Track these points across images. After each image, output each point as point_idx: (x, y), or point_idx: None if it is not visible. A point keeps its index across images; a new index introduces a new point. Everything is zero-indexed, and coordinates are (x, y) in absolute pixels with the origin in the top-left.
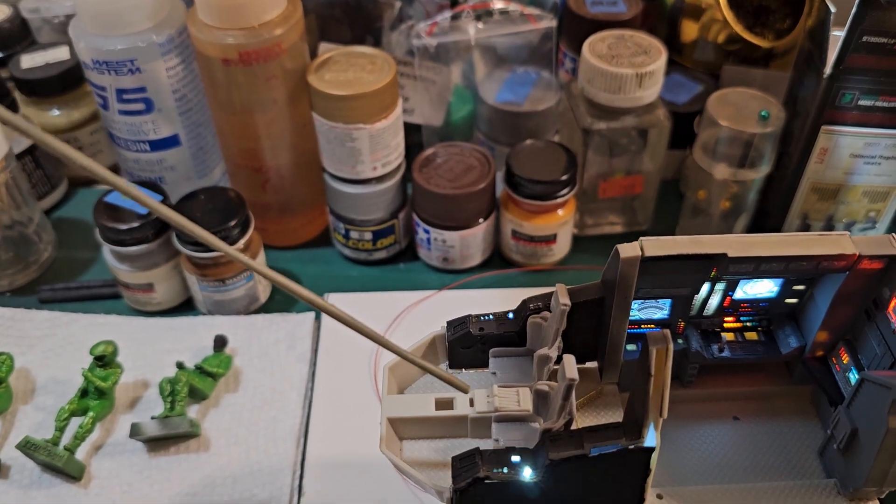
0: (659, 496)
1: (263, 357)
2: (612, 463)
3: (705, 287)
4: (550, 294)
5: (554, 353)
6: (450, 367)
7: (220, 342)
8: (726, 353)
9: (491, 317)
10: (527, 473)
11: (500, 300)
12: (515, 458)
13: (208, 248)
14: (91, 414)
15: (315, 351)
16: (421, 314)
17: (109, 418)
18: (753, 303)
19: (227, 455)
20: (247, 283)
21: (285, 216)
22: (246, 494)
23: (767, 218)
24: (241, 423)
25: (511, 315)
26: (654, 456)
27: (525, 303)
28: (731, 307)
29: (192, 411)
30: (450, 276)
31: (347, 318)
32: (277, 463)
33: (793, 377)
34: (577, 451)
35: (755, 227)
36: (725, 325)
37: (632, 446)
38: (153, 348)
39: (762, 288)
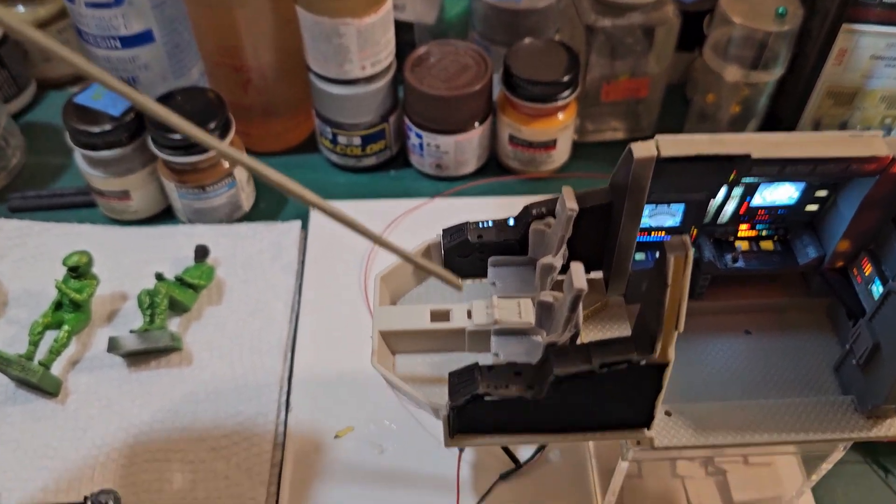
0: (667, 413)
1: (247, 267)
2: (621, 379)
3: (722, 192)
4: (555, 199)
5: (559, 262)
6: None
7: (202, 252)
8: (740, 264)
9: (490, 223)
10: (529, 390)
11: (496, 209)
12: (517, 374)
13: (186, 153)
14: (66, 327)
15: (302, 262)
16: (413, 223)
17: (86, 332)
18: (771, 210)
19: (210, 369)
20: (229, 189)
21: (268, 119)
22: (231, 410)
23: (778, 124)
24: (224, 335)
25: (512, 221)
26: (668, 372)
27: (527, 208)
28: (746, 214)
29: (174, 324)
30: (443, 183)
31: (344, 216)
32: (264, 377)
33: (809, 289)
34: (584, 367)
35: (766, 120)
36: (740, 233)
37: (644, 362)
38: (131, 259)
39: (782, 194)
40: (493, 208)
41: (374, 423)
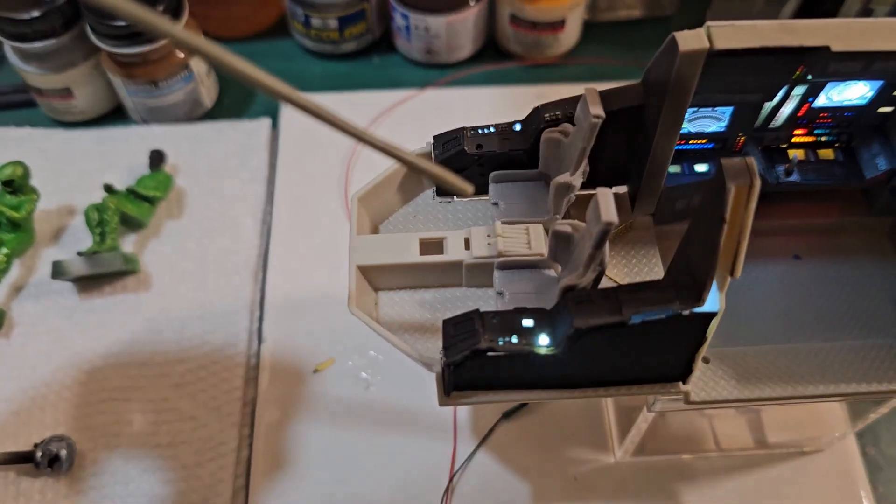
0: (706, 360)
1: (211, 175)
2: (656, 330)
3: (780, 91)
4: (572, 100)
5: (578, 181)
6: (437, 195)
7: (157, 158)
8: (795, 178)
9: (492, 129)
10: (543, 343)
11: (497, 101)
12: (528, 323)
13: (132, 42)
14: (5, 250)
15: (273, 166)
16: (400, 119)
17: (29, 254)
18: (836, 111)
19: (171, 294)
20: (186, 84)
21: None
22: (196, 341)
23: (821, 4)
24: (186, 255)
25: (518, 126)
26: (715, 322)
27: (538, 111)
28: (805, 117)
29: (129, 243)
30: (434, 71)
31: (321, 110)
32: (232, 303)
33: (871, 207)
34: (612, 319)
35: (804, 11)
36: (794, 138)
37: (687, 312)
38: (77, 168)
39: (853, 92)
40: (492, 100)
41: (359, 354)
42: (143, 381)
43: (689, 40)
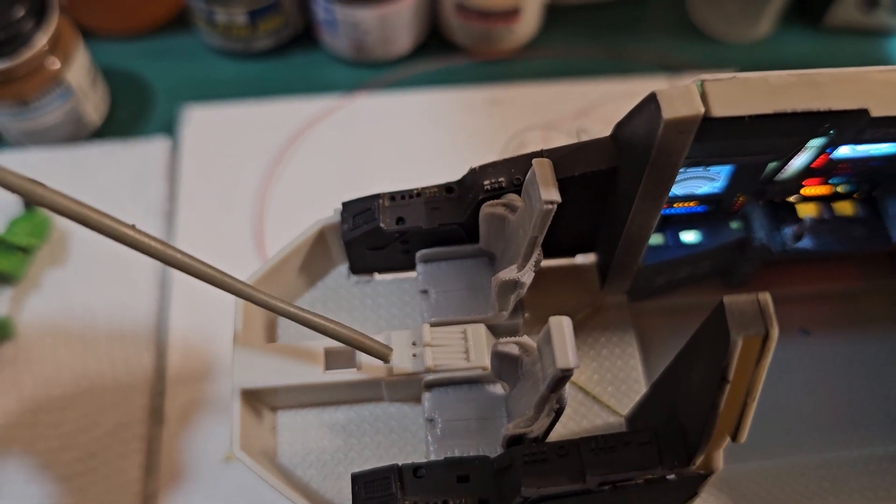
0: None
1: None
2: (632, 493)
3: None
4: (518, 161)
5: (528, 276)
6: (352, 273)
7: None
8: (807, 243)
9: (416, 195)
10: None
11: (442, 108)
12: (462, 481)
13: None
14: None
15: (173, 197)
16: (325, 135)
17: None
18: (859, 161)
19: (55, 364)
20: (63, 102)
21: None
22: (84, 422)
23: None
24: (72, 314)
25: (452, 189)
26: (709, 480)
27: (475, 175)
28: (822, 168)
29: (2, 300)
30: (367, 70)
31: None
32: (127, 374)
33: (894, 267)
34: (571, 487)
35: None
36: (805, 190)
37: (674, 476)
38: None
39: (885, 143)
40: (437, 107)
41: None
42: (20, 474)
43: (676, 103)
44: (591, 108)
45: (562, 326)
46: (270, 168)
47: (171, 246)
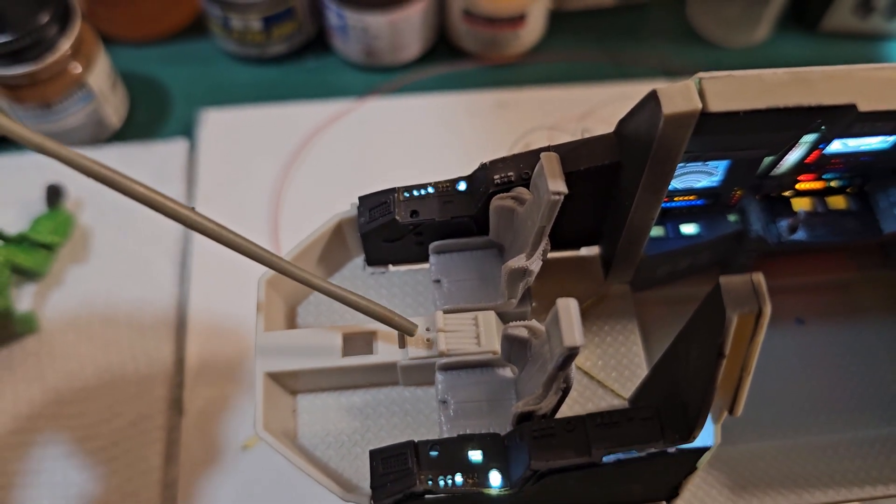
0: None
1: (120, 210)
2: (635, 466)
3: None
4: (526, 157)
5: (536, 264)
6: (368, 265)
7: (55, 194)
8: (801, 235)
9: (430, 189)
10: (495, 483)
11: (450, 111)
12: (475, 457)
13: (14, 60)
14: None
15: (191, 197)
16: (338, 136)
17: None
18: (850, 157)
19: (77, 358)
20: (85, 104)
21: None
22: (106, 413)
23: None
24: (94, 309)
25: (463, 185)
26: (708, 454)
27: (485, 170)
28: (815, 164)
29: (26, 295)
30: (378, 75)
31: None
32: (147, 367)
33: (889, 260)
34: (577, 460)
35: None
36: (799, 185)
37: (674, 449)
38: None
39: (873, 138)
40: (445, 110)
41: None
42: (45, 463)
43: (675, 100)
44: (594, 110)
45: (569, 307)
46: (284, 169)
47: (225, 227)
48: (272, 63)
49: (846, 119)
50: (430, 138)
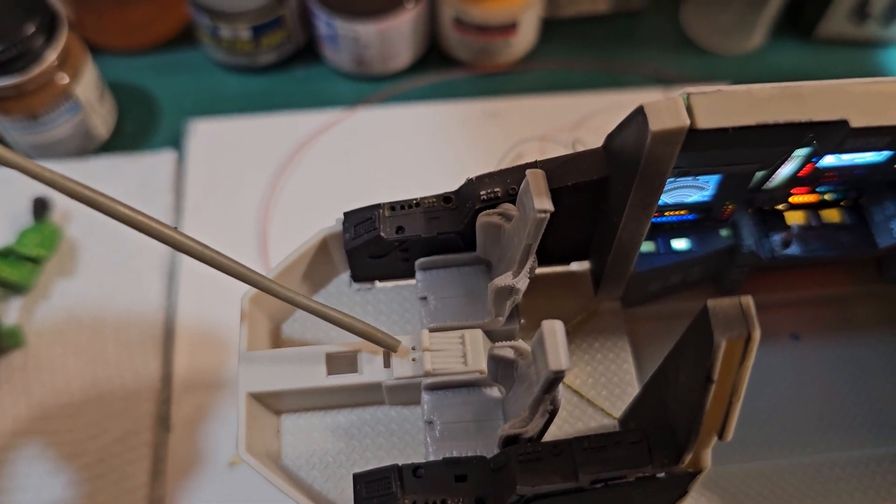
0: None
1: (108, 222)
2: (624, 490)
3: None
4: (513, 172)
5: (523, 283)
6: (354, 281)
7: (41, 207)
8: (794, 250)
9: (415, 204)
10: None
11: (441, 120)
12: (460, 480)
13: (1, 71)
14: None
15: (179, 209)
16: (329, 147)
17: None
18: (844, 170)
19: (64, 373)
20: (72, 115)
21: (125, 5)
22: (92, 430)
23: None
24: (81, 323)
25: (450, 199)
26: (699, 478)
27: (472, 186)
28: (808, 177)
29: (12, 309)
30: (368, 84)
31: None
32: (134, 382)
33: (884, 273)
34: (564, 485)
35: (789, 7)
36: (793, 198)
37: (664, 474)
38: None
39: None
40: (436, 120)
41: None
42: (31, 479)
43: (663, 116)
44: (586, 119)
45: (554, 330)
46: (274, 180)
47: (208, 247)
48: (261, 73)
49: (838, 135)
50: (421, 148)
